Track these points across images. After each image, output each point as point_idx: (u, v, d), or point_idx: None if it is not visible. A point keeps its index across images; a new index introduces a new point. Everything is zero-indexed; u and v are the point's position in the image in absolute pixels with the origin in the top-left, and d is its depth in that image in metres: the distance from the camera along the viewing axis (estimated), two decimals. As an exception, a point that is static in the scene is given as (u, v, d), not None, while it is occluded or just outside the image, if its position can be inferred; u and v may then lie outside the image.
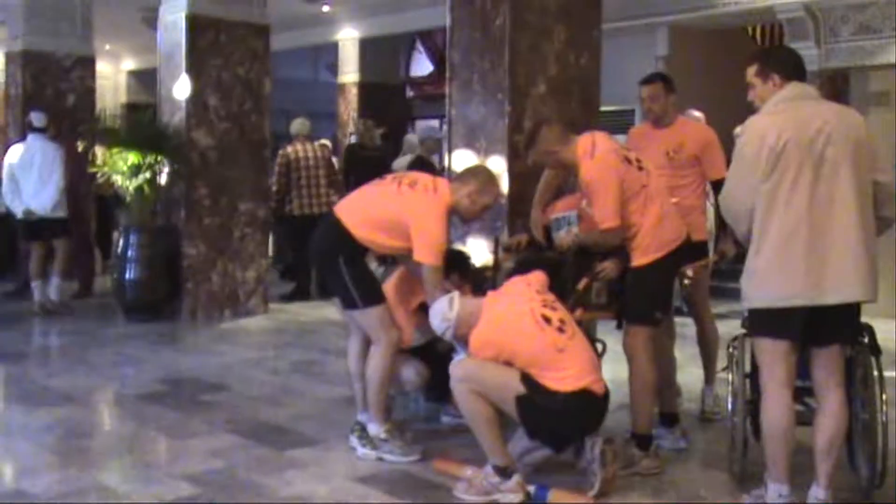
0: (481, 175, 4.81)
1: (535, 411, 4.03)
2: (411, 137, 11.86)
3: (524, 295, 4.23)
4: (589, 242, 4.63)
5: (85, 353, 7.38)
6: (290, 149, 10.03)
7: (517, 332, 4.10)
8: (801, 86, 3.83)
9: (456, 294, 4.34)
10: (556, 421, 4.06)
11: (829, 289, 3.62)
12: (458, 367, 4.15)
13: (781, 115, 3.73)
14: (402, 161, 11.02)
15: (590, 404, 4.08)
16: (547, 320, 4.09)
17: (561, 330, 4.09)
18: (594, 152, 4.44)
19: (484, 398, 4.04)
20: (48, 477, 4.41)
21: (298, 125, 10.18)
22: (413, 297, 4.95)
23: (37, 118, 9.27)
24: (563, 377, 4.01)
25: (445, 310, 4.24)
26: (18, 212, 9.09)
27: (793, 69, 3.86)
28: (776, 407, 3.76)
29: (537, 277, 4.35)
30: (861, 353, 4.04)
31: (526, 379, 4.02)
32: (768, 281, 3.69)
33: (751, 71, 3.92)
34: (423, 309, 4.93)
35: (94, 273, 10.65)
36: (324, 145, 10.36)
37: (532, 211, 5.17)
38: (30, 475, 4.45)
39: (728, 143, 4.62)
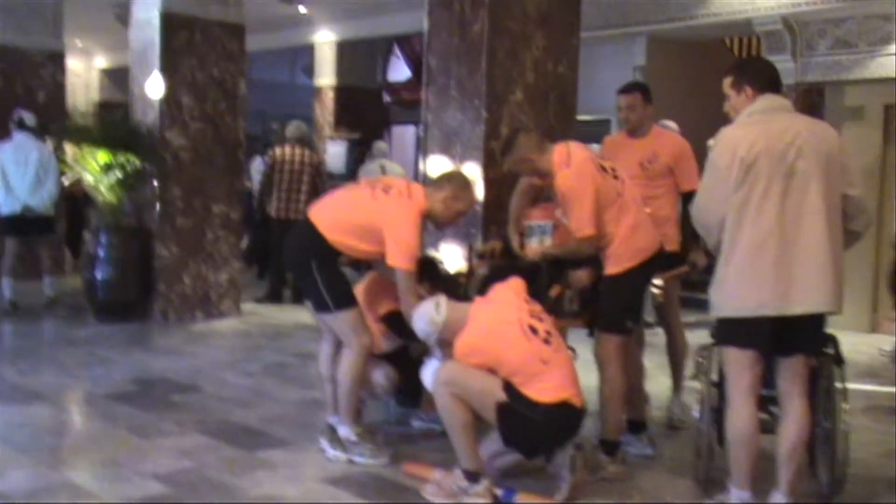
0: (456, 181, 4.83)
1: (514, 419, 4.06)
2: (380, 144, 11.86)
3: (512, 304, 4.23)
4: (564, 253, 4.66)
5: (55, 353, 7.33)
6: (277, 150, 10.02)
7: (504, 340, 4.11)
8: (774, 98, 3.87)
9: (443, 298, 4.33)
10: (533, 430, 4.09)
11: (796, 299, 3.66)
12: (442, 370, 4.16)
13: (754, 126, 3.77)
14: (370, 167, 11.01)
15: (567, 417, 4.10)
16: (534, 331, 4.11)
17: (547, 342, 4.11)
18: (570, 161, 4.47)
19: (464, 403, 4.06)
20: (18, 474, 4.39)
21: (292, 129, 10.14)
22: (379, 305, 4.97)
23: (28, 118, 9.25)
24: (545, 388, 4.04)
25: (432, 314, 4.24)
26: (14, 208, 8.96)
27: (767, 81, 3.90)
28: (741, 415, 3.81)
29: (519, 285, 4.36)
30: (825, 363, 4.10)
31: (508, 387, 4.04)
32: (737, 290, 3.74)
33: (726, 82, 3.98)
34: (386, 320, 4.94)
35: None
36: (312, 152, 10.34)
37: (508, 223, 5.13)
38: (-1, 473, 4.44)
39: (704, 154, 4.66)
